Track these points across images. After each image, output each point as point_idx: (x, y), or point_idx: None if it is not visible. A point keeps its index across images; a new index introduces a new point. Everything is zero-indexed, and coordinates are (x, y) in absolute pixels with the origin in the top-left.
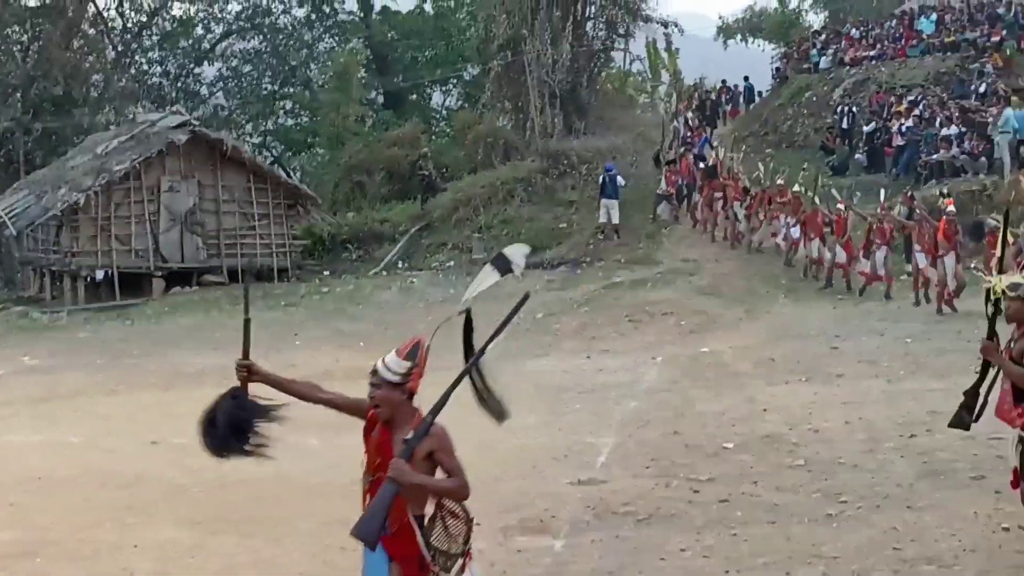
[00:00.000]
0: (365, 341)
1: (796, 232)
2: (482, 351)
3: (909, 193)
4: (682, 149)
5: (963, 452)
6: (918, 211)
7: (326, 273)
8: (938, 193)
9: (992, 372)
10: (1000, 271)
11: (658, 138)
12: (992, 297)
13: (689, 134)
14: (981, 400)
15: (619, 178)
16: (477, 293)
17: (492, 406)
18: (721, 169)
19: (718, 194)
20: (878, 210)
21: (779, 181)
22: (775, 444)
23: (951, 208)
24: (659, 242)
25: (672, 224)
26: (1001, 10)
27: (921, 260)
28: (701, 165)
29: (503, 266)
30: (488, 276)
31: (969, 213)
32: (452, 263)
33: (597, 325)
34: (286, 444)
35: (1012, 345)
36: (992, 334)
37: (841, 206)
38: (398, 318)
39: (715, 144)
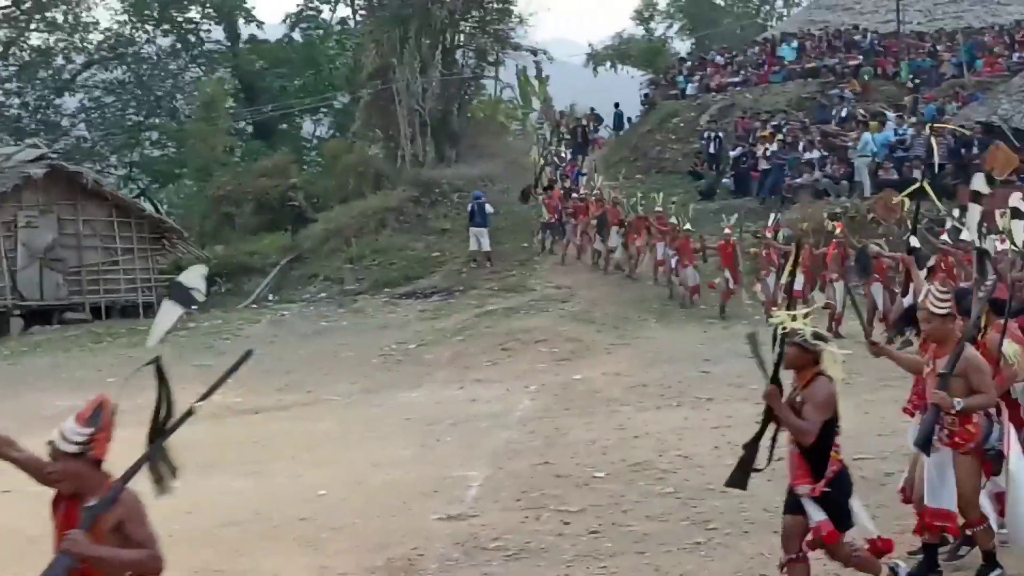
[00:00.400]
0: (234, 377)
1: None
2: (174, 426)
3: (775, 218)
4: (555, 180)
5: None
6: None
7: (193, 308)
8: (827, 216)
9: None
10: (789, 305)
11: (528, 165)
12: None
13: (562, 165)
14: (767, 451)
15: (487, 206)
16: (163, 333)
17: (160, 476)
18: (599, 197)
19: (593, 221)
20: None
21: (657, 208)
22: (645, 471)
23: (839, 231)
24: (532, 269)
25: (552, 253)
26: (857, 37)
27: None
28: (574, 196)
29: (183, 297)
30: (170, 311)
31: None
32: (324, 295)
33: (470, 354)
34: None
35: (793, 394)
36: (775, 378)
37: (728, 231)
38: (269, 352)
39: (585, 172)
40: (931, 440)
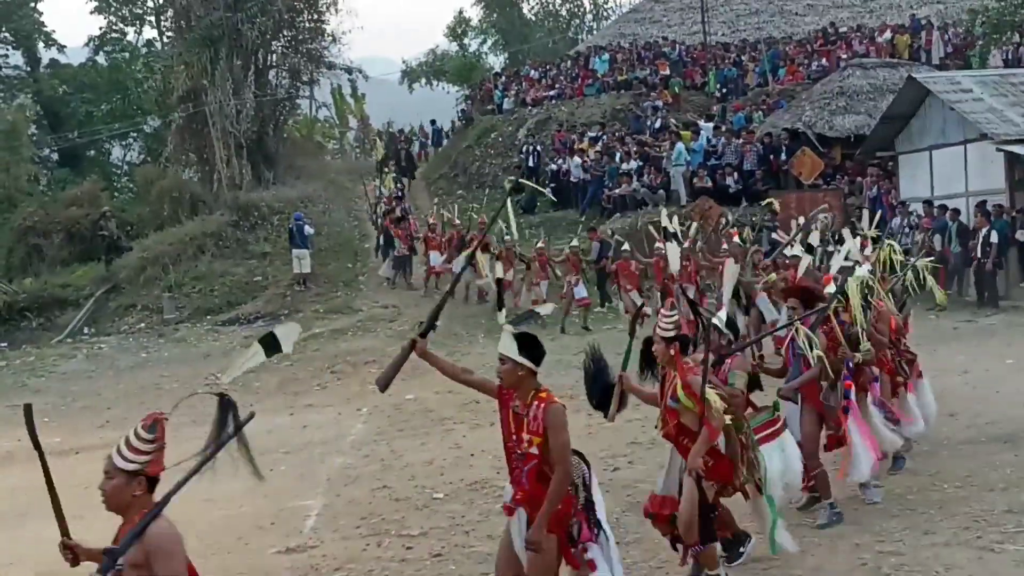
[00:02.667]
0: (50, 416)
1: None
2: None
3: (594, 228)
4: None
5: None
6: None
7: (3, 345)
8: (723, 221)
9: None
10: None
11: (348, 184)
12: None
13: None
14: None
15: (307, 227)
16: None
17: None
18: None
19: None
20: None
21: (539, 244)
22: (484, 490)
23: (736, 240)
24: (357, 290)
25: (399, 286)
26: (666, 48)
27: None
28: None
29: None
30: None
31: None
32: (143, 325)
33: (299, 380)
34: None
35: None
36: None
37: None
38: (87, 388)
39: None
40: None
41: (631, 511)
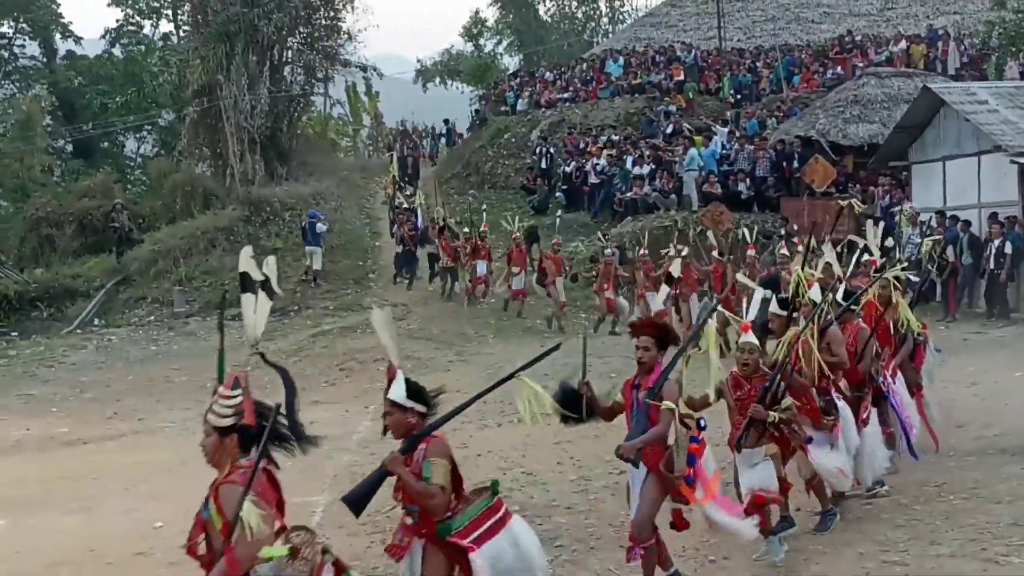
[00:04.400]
0: (59, 406)
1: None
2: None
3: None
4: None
5: None
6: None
7: (13, 334)
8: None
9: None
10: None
11: (360, 181)
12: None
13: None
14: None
15: (319, 225)
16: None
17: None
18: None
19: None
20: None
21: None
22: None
23: (751, 252)
24: (367, 288)
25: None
26: (681, 53)
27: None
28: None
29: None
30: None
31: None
32: (152, 318)
33: (307, 376)
34: None
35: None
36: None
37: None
38: (96, 379)
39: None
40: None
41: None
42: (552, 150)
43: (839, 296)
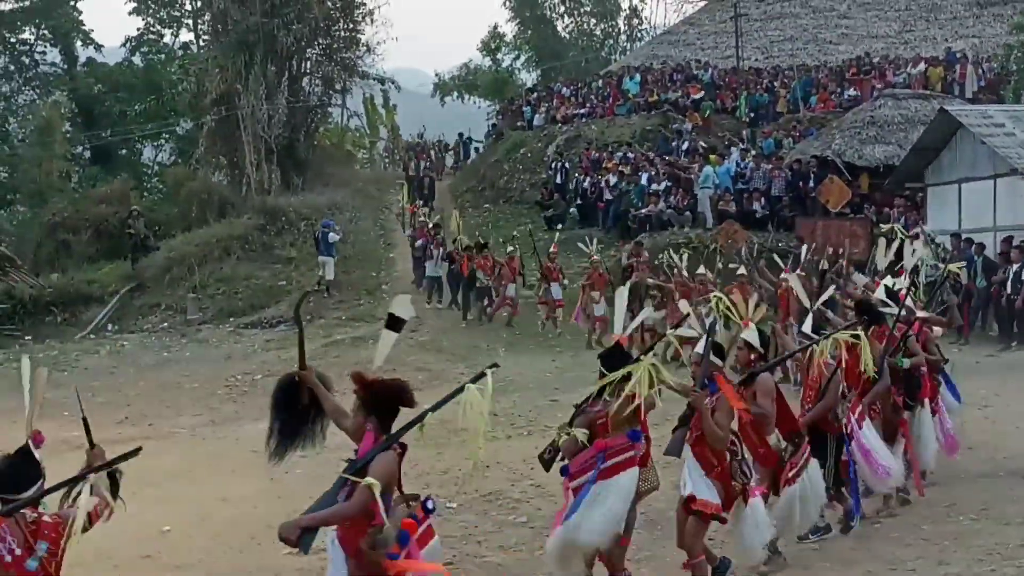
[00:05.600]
0: (70, 410)
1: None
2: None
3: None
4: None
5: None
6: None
7: (27, 339)
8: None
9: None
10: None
11: (375, 193)
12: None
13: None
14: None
15: (332, 235)
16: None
17: None
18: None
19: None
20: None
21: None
22: (498, 502)
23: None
24: (380, 298)
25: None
26: (698, 71)
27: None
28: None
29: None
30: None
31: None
32: (165, 324)
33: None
34: None
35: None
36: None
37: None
38: (108, 384)
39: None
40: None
41: (644, 528)
42: (568, 165)
43: (806, 327)
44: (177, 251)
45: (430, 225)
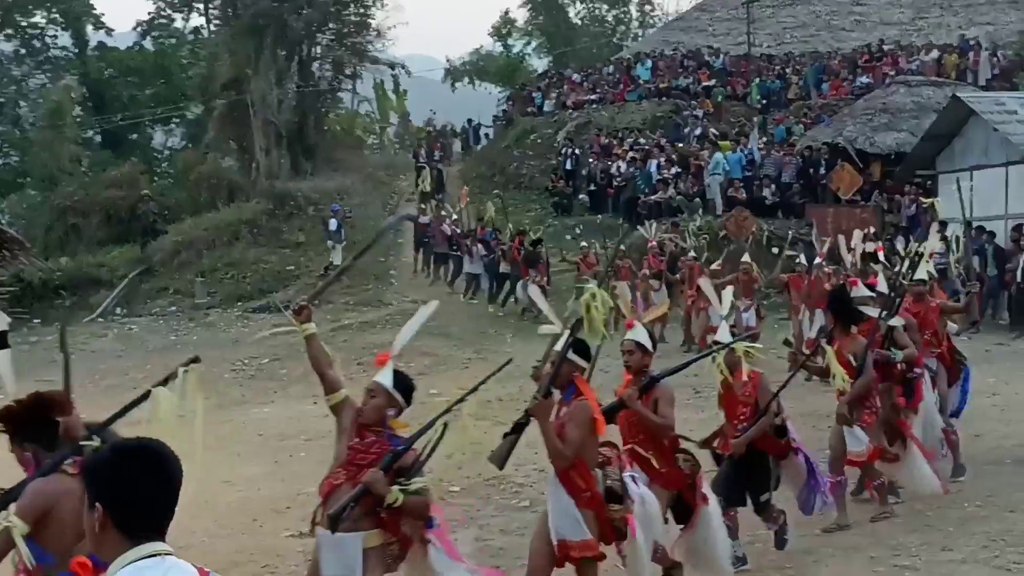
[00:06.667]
0: (77, 393)
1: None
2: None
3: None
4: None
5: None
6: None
7: (36, 321)
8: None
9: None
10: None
11: (385, 179)
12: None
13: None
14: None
15: (332, 221)
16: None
17: None
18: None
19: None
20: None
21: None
22: (501, 486)
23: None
24: (388, 283)
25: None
26: (710, 58)
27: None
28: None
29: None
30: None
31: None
32: (174, 308)
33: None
34: None
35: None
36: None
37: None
38: (115, 367)
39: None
40: None
41: None
42: (578, 152)
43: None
44: (186, 235)
45: (470, 221)
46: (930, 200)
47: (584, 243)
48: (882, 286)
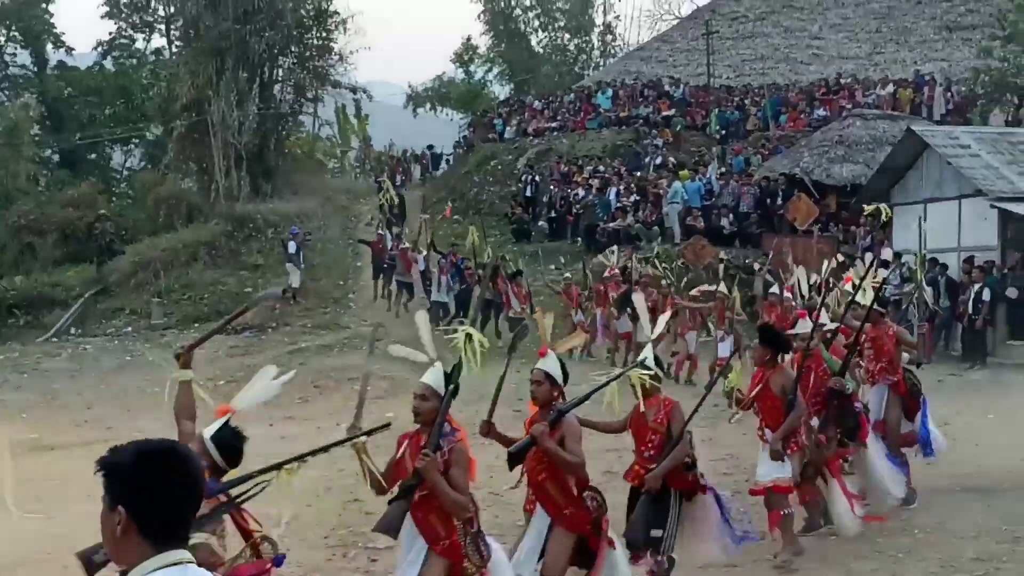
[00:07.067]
0: (30, 412)
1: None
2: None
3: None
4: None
5: None
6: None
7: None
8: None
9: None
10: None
11: (345, 202)
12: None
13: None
14: None
15: (291, 243)
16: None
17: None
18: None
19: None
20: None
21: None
22: None
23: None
24: (346, 307)
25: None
26: (669, 88)
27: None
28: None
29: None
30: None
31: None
32: (129, 328)
33: (281, 392)
34: None
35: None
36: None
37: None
38: (68, 387)
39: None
40: None
41: None
42: (538, 179)
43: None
44: (143, 255)
45: (415, 244)
46: (873, 206)
47: (568, 273)
48: (824, 319)
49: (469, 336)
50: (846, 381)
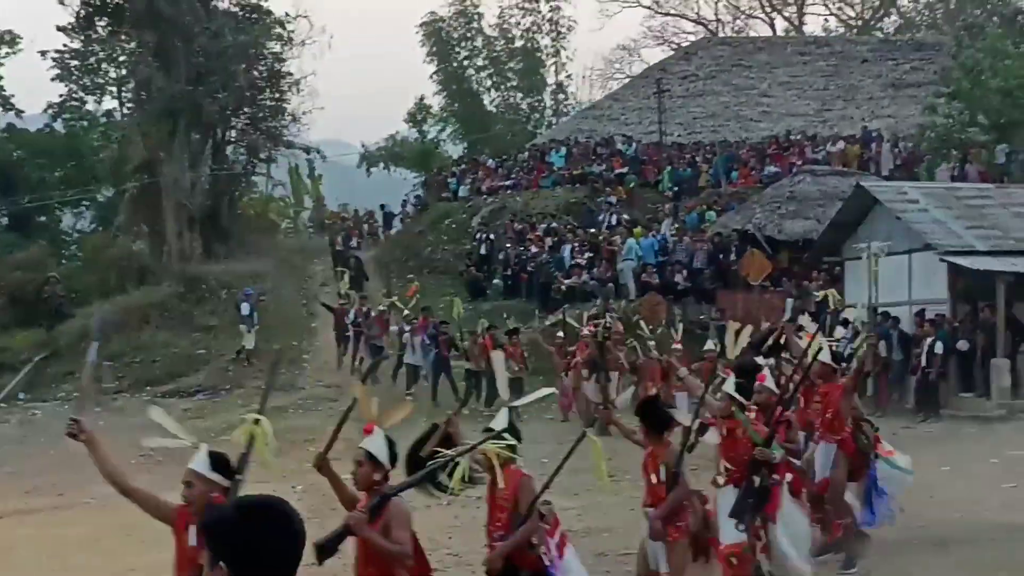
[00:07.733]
0: None
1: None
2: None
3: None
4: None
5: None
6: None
7: None
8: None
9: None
10: None
11: (299, 262)
12: None
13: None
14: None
15: (244, 305)
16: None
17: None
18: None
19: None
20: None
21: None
22: None
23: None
24: (301, 367)
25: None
26: (622, 146)
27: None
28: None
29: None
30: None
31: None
32: (80, 393)
33: (235, 453)
34: None
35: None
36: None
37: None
38: (16, 453)
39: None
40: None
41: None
42: (492, 237)
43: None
44: (93, 319)
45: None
46: (824, 292)
47: (561, 332)
48: (769, 382)
49: (257, 421)
50: (772, 450)
